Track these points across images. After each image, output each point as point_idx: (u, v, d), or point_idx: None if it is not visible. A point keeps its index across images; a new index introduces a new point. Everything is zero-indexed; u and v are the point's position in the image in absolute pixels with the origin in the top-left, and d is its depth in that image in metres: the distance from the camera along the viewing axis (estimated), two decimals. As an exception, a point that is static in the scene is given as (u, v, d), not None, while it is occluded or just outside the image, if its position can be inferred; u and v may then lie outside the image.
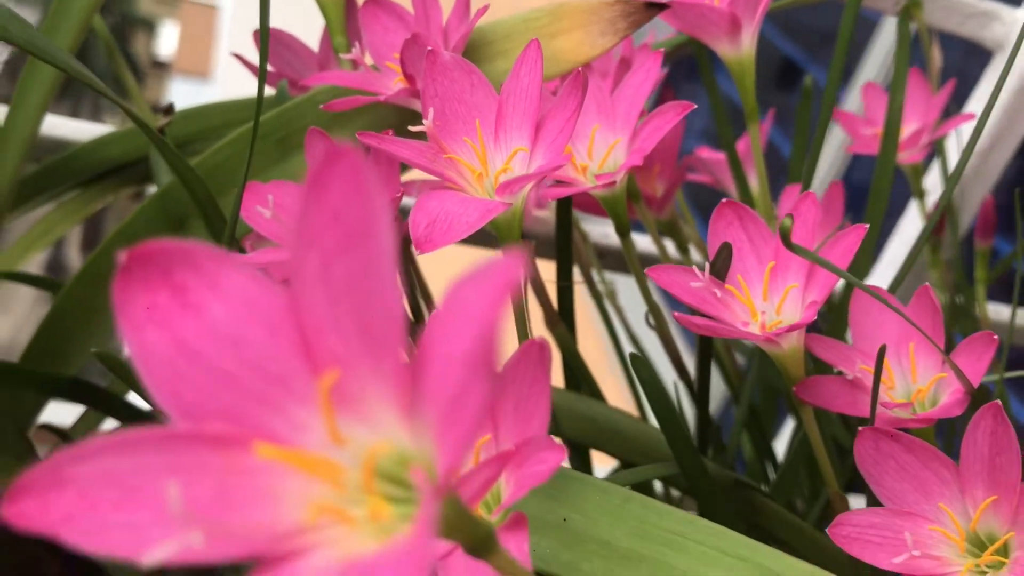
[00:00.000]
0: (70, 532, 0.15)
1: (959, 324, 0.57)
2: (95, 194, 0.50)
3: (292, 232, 0.17)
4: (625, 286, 0.52)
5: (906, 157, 0.53)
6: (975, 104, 0.58)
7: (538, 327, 0.37)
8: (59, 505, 0.16)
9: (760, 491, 0.39)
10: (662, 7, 0.37)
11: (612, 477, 0.34)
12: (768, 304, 0.31)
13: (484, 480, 0.20)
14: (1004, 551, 0.29)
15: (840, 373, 0.34)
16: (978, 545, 0.30)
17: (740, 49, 0.39)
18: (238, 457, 0.17)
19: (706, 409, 0.43)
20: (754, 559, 0.27)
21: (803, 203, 0.33)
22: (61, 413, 0.50)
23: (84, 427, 0.47)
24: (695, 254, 0.54)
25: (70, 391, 0.42)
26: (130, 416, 0.43)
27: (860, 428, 0.30)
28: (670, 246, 0.53)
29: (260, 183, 0.35)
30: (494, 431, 0.26)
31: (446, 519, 0.17)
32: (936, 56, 0.56)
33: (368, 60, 0.38)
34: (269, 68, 0.41)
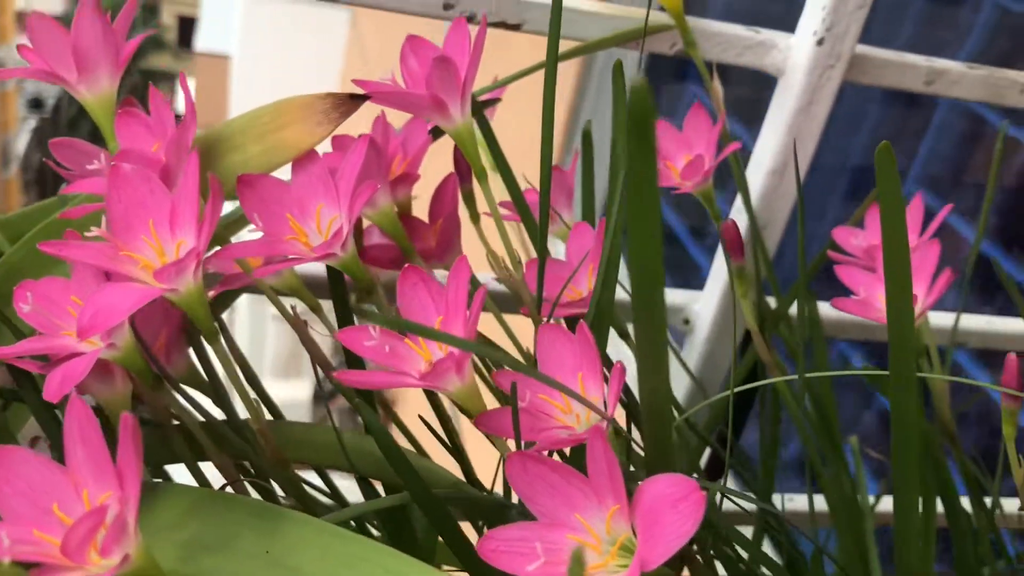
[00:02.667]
0: None
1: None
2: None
3: None
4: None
5: (690, 186, 0.57)
6: (768, 128, 0.62)
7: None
8: None
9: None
10: (366, 97, 0.42)
11: (335, 515, 0.39)
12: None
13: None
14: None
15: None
16: (623, 549, 0.34)
17: (454, 123, 0.44)
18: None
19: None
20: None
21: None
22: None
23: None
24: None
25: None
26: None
27: (508, 453, 0.34)
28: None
29: (32, 280, 0.40)
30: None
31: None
32: (718, 87, 0.60)
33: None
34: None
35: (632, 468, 0.44)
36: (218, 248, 0.43)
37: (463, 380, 0.36)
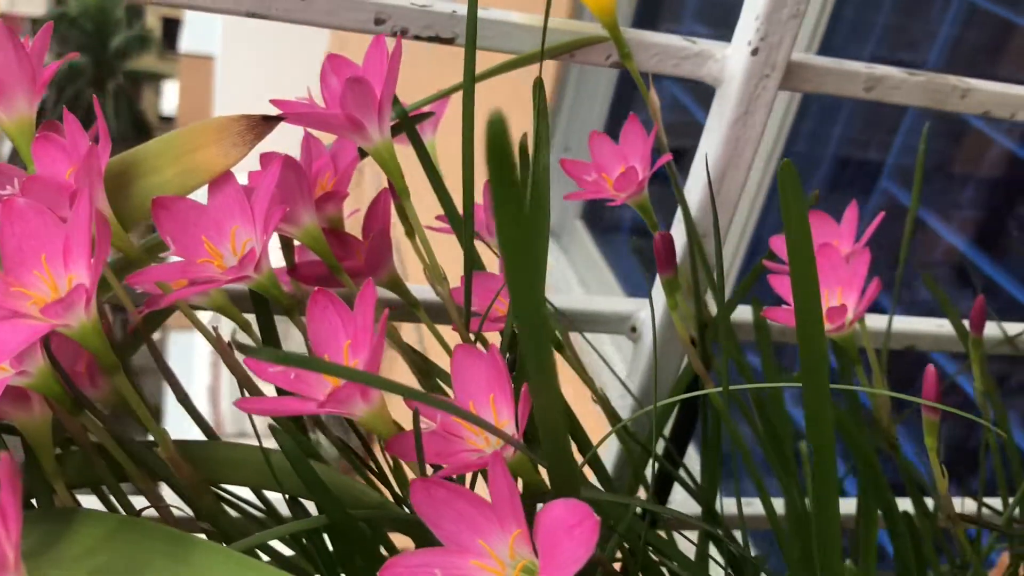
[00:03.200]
0: None
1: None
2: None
3: None
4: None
5: (624, 197, 0.57)
6: (707, 137, 0.62)
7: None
8: None
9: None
10: (280, 119, 0.42)
11: (244, 542, 0.39)
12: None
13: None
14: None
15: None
16: (525, 571, 0.35)
17: (372, 142, 0.44)
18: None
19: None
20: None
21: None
22: None
23: None
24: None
25: None
26: None
27: (412, 479, 0.34)
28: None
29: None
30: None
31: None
32: (654, 99, 0.60)
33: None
34: None
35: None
36: (137, 272, 0.42)
37: (369, 405, 0.36)
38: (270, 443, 0.44)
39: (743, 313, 0.67)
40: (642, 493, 0.65)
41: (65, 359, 0.43)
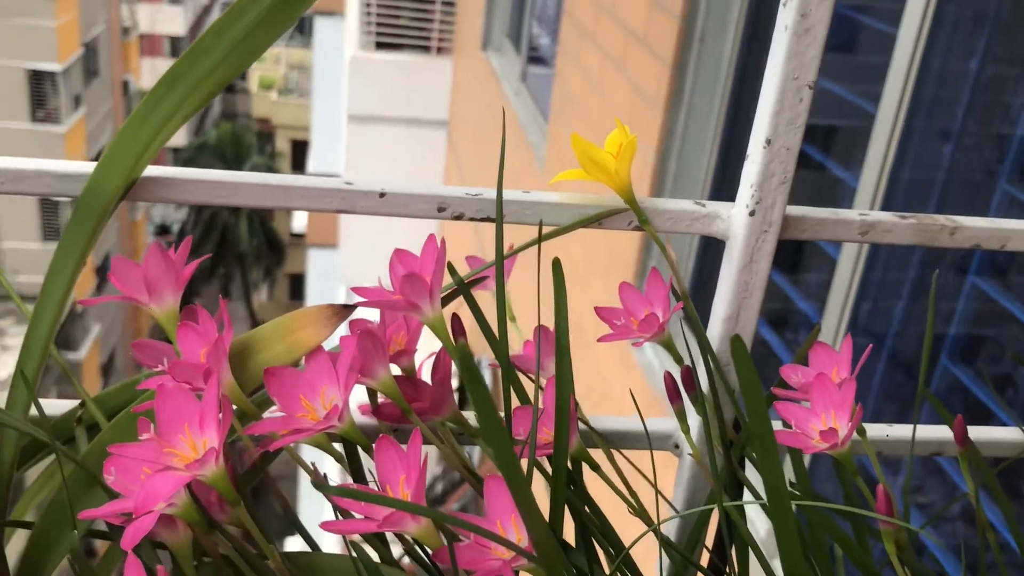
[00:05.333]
0: None
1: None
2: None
3: None
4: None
5: (647, 337, 0.69)
6: (722, 281, 0.73)
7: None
8: None
9: None
10: (355, 307, 0.56)
11: None
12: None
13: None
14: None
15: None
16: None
17: (426, 316, 0.57)
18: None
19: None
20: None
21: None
22: None
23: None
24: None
25: None
26: None
27: (449, 581, 0.46)
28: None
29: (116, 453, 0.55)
30: None
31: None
32: (672, 254, 0.72)
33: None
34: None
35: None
36: (253, 424, 0.56)
37: (419, 525, 0.49)
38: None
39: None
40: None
41: (201, 494, 0.57)
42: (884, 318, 2.00)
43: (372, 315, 0.61)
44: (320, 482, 0.42)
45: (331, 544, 0.70)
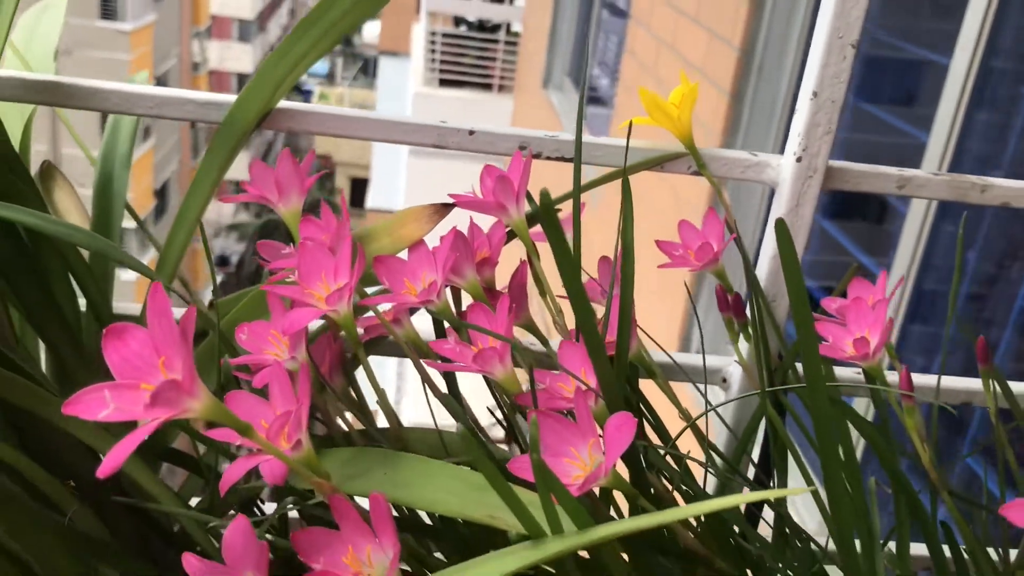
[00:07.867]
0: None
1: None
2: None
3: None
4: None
5: (699, 265, 0.77)
6: (771, 224, 0.82)
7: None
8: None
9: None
10: (453, 205, 0.65)
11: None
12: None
13: None
14: None
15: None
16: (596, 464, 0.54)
17: (512, 218, 0.67)
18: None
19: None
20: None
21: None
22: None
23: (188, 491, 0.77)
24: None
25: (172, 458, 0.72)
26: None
27: (531, 410, 0.55)
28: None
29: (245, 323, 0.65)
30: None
31: None
32: (726, 198, 0.81)
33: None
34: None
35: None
36: (367, 298, 0.66)
37: (504, 367, 0.58)
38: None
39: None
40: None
41: (318, 357, 0.66)
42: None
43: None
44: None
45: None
